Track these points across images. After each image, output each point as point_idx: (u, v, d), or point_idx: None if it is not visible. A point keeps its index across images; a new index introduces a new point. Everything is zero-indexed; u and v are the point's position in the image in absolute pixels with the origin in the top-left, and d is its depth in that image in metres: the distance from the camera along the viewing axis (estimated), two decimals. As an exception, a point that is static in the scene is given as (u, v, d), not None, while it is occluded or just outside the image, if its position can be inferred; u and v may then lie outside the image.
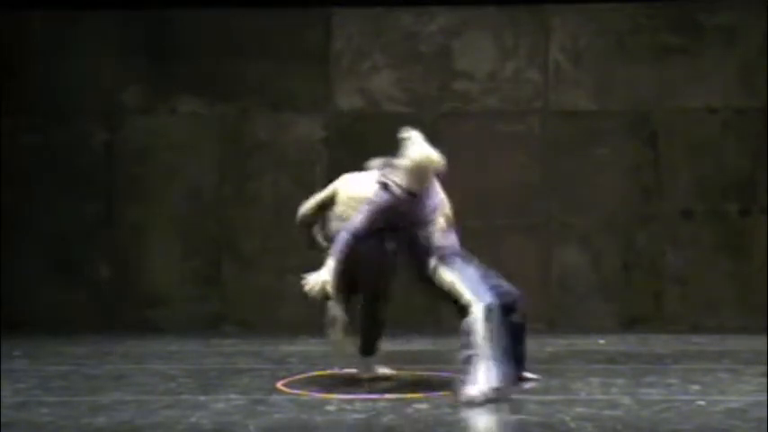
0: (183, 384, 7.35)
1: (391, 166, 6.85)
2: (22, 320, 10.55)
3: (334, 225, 7.19)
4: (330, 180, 10.55)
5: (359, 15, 10.88)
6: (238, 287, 10.81)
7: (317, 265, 10.63)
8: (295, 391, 6.94)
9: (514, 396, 6.77)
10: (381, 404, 6.50)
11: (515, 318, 6.98)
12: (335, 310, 7.11)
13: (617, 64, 10.71)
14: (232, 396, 6.82)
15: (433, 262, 6.79)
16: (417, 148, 6.76)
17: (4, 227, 10.75)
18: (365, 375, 7.32)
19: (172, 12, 10.87)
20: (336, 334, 7.15)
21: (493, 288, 6.80)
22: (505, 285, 7.01)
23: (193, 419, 6.05)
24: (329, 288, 6.74)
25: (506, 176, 10.63)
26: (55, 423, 5.99)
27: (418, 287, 7.09)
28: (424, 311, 9.65)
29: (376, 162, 7.10)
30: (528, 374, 7.28)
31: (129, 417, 6.16)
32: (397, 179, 6.79)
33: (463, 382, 6.47)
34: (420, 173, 6.78)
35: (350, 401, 6.61)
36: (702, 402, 6.50)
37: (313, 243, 7.32)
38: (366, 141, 10.63)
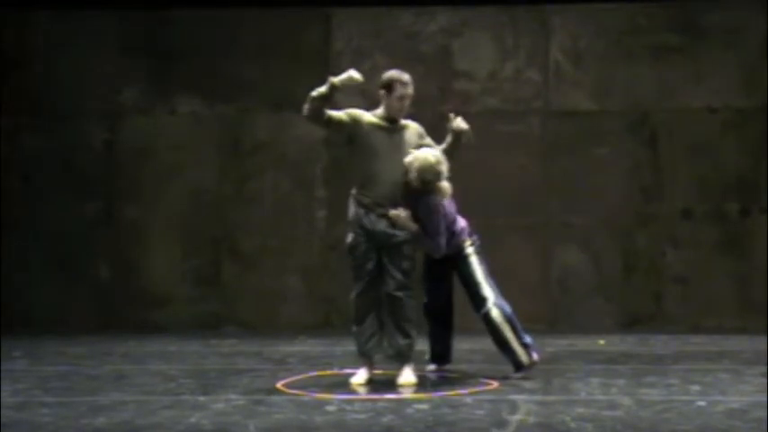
0: (183, 384, 7.35)
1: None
2: (22, 320, 10.55)
3: None
4: (330, 180, 10.65)
5: (359, 15, 10.88)
6: (238, 287, 10.81)
7: (316, 264, 10.70)
8: (295, 391, 6.95)
9: (514, 396, 6.78)
10: (381, 404, 6.51)
11: None
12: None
13: (617, 64, 10.71)
14: (232, 396, 6.83)
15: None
16: None
17: (4, 227, 10.76)
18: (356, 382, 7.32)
19: (172, 12, 10.88)
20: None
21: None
22: None
23: (193, 419, 6.05)
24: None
25: (506, 176, 10.64)
26: (55, 423, 5.99)
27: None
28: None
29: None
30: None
31: (129, 417, 6.16)
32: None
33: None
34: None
35: (350, 401, 6.61)
36: (702, 403, 6.50)
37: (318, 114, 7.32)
38: (366, 141, 10.63)
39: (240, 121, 10.89)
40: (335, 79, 7.21)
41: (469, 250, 7.47)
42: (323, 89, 7.20)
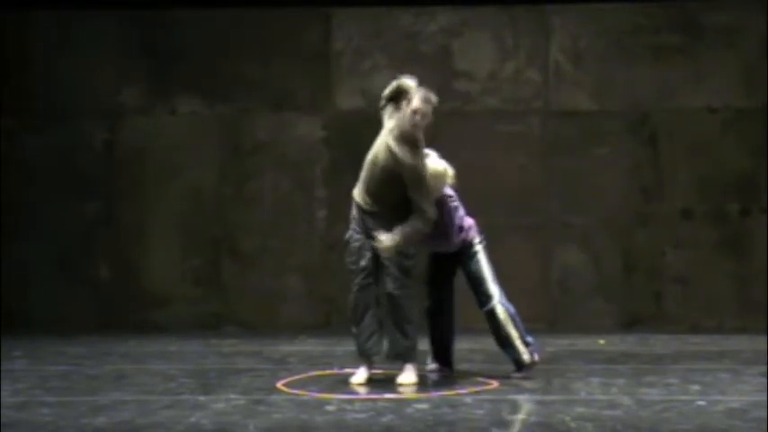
0: (183, 384, 7.35)
1: None
2: (22, 320, 10.55)
3: None
4: (330, 180, 10.65)
5: (359, 15, 10.88)
6: (238, 287, 10.81)
7: (316, 264, 10.70)
8: (295, 391, 6.95)
9: (514, 396, 6.78)
10: (381, 404, 6.51)
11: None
12: None
13: (617, 64, 10.71)
14: (232, 396, 6.83)
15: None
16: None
17: (4, 226, 10.76)
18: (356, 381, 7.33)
19: (172, 12, 10.87)
20: None
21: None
22: None
23: (193, 419, 6.05)
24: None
25: (506, 176, 10.63)
26: (55, 423, 5.99)
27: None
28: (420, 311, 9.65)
29: None
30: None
31: (129, 417, 6.16)
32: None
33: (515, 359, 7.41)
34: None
35: (350, 401, 6.62)
36: (702, 402, 6.51)
37: None
38: (366, 141, 10.60)
39: (240, 121, 10.89)
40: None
41: (478, 247, 7.50)
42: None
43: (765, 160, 10.51)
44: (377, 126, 7.49)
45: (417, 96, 7.18)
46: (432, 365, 7.72)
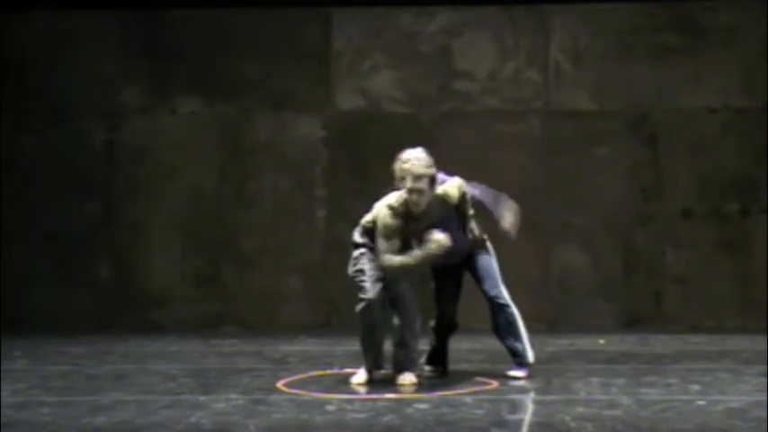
0: (183, 384, 7.35)
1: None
2: (22, 320, 10.55)
3: None
4: (330, 180, 10.65)
5: (359, 15, 10.88)
6: (238, 287, 10.81)
7: (316, 264, 10.69)
8: (295, 391, 6.95)
9: (514, 396, 6.79)
10: (381, 404, 6.51)
11: None
12: None
13: (617, 64, 10.71)
14: (232, 396, 6.83)
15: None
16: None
17: (4, 226, 10.76)
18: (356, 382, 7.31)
19: (172, 12, 10.88)
20: None
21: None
22: None
23: (193, 419, 6.05)
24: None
25: (506, 176, 10.61)
26: (55, 423, 6.00)
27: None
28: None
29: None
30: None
31: (129, 417, 6.17)
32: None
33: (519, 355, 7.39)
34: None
35: (350, 401, 6.62)
36: (702, 402, 6.51)
37: None
38: (366, 141, 10.65)
39: (240, 121, 10.89)
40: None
41: (489, 245, 7.53)
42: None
43: (765, 160, 10.51)
44: (377, 126, 7.53)
45: (408, 177, 6.98)
46: (428, 367, 7.72)
